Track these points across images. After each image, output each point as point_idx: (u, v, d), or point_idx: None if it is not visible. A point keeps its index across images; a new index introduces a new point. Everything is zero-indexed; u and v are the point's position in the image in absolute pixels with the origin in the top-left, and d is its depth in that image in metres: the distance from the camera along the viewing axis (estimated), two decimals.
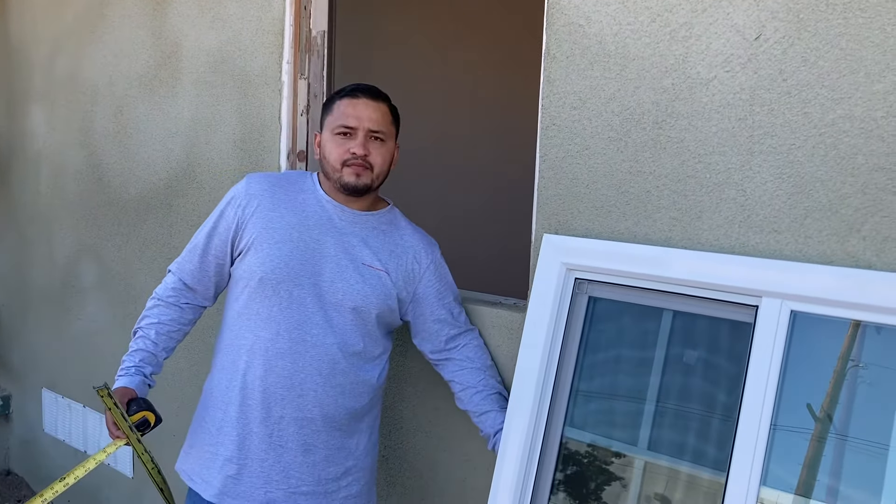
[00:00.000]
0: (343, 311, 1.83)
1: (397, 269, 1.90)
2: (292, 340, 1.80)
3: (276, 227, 1.81)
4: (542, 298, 1.83)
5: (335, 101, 1.86)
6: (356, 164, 1.81)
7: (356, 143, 1.81)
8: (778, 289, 1.53)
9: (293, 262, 1.79)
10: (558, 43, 1.93)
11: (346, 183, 1.83)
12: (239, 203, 1.85)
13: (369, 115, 1.83)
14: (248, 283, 1.81)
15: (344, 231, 1.85)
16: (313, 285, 1.80)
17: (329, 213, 1.86)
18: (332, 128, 1.84)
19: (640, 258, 1.72)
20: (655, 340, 1.72)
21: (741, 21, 1.65)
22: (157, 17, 3.07)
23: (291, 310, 1.80)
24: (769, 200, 1.62)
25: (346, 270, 1.83)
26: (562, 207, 1.93)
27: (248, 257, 1.81)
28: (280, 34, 2.61)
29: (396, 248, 1.92)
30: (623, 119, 1.83)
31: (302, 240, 1.81)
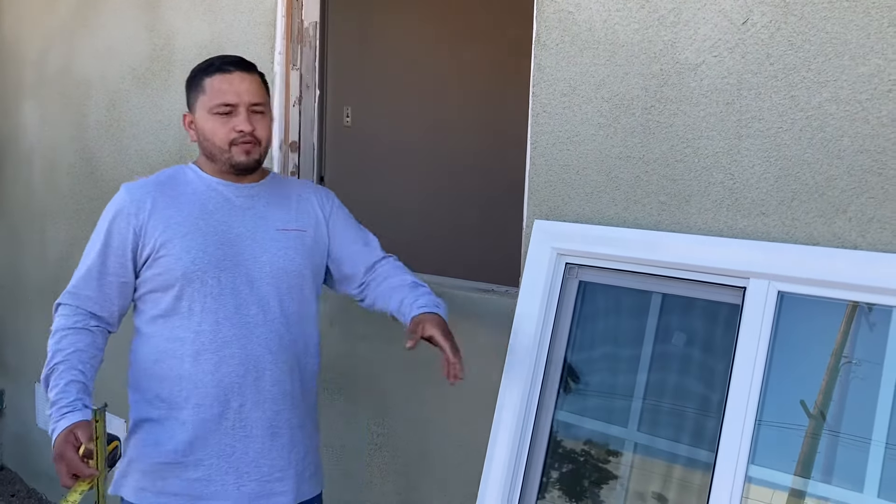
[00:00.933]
0: (275, 282, 1.79)
1: (310, 223, 1.88)
2: (234, 325, 1.75)
3: (179, 221, 1.74)
4: (534, 283, 1.84)
5: (204, 79, 1.77)
6: (245, 141, 1.75)
7: (241, 121, 1.74)
8: (765, 270, 1.55)
9: (210, 248, 1.74)
10: (548, 30, 1.94)
11: (238, 162, 1.77)
12: (128, 213, 1.75)
13: (247, 89, 1.76)
14: (169, 285, 1.73)
15: (245, 207, 1.81)
16: (236, 266, 1.76)
17: (225, 195, 1.80)
18: (208, 107, 1.75)
19: (630, 242, 1.74)
20: (645, 323, 1.74)
21: (728, 6, 1.67)
22: (150, 10, 3.08)
23: (224, 296, 1.74)
24: (756, 183, 1.64)
25: (264, 242, 1.79)
26: (553, 194, 1.95)
27: (161, 260, 1.73)
28: (272, 25, 2.62)
29: (300, 204, 1.89)
30: (613, 105, 1.84)
31: (209, 226, 1.76)
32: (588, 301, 1.82)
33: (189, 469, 1.76)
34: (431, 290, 1.90)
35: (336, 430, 2.49)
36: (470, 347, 2.13)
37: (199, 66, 1.82)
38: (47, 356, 1.72)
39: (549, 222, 1.89)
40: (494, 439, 1.83)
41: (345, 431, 2.47)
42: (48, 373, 1.70)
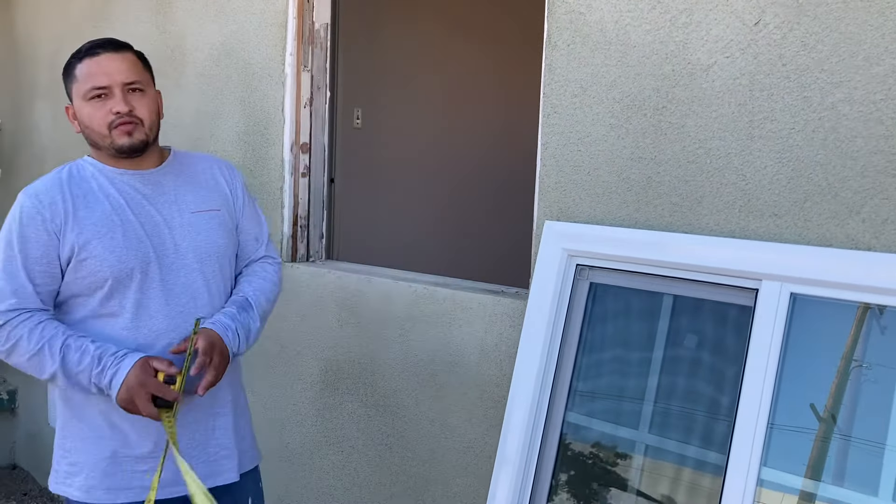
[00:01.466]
0: (200, 267, 1.76)
1: (221, 201, 1.83)
2: (167, 317, 1.71)
3: (94, 221, 1.67)
4: (544, 284, 1.84)
5: (75, 66, 1.69)
6: (123, 122, 1.67)
7: (116, 101, 1.66)
8: (778, 271, 1.54)
9: (132, 244, 1.68)
10: (559, 31, 1.94)
11: (121, 145, 1.68)
12: (43, 218, 1.64)
13: (118, 68, 1.67)
14: (96, 287, 1.67)
15: (156, 194, 1.75)
16: (161, 257, 1.71)
17: (132, 185, 1.73)
18: (82, 94, 1.67)
19: (641, 243, 1.73)
20: (656, 325, 1.73)
21: (741, 6, 1.66)
22: (162, 11, 3.09)
23: (153, 289, 1.70)
24: (769, 185, 1.63)
25: (182, 228, 1.74)
26: (563, 195, 1.94)
27: (85, 264, 1.65)
28: (283, 27, 2.63)
29: (209, 182, 1.84)
30: (624, 106, 1.84)
31: (126, 221, 1.69)
32: (599, 302, 1.81)
33: (139, 462, 1.72)
34: (252, 313, 1.83)
35: (346, 431, 2.49)
36: (479, 348, 2.13)
37: (73, 55, 1.72)
38: (39, 352, 1.62)
39: (560, 223, 1.89)
40: (504, 441, 1.82)
41: (355, 432, 2.47)
42: (62, 354, 1.62)
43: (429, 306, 2.24)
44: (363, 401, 2.44)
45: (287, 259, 2.67)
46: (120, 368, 1.61)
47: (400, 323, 2.32)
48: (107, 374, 1.61)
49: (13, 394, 4.22)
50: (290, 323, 2.64)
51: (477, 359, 2.14)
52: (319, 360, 2.57)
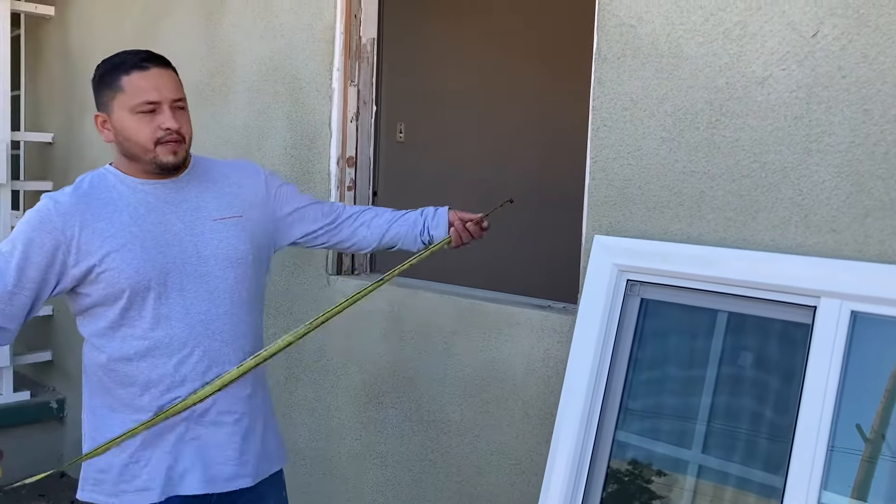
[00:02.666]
0: (223, 274, 1.76)
1: (245, 206, 1.84)
2: (187, 325, 1.72)
3: (113, 233, 1.66)
4: (594, 300, 1.81)
5: (121, 77, 1.66)
6: (171, 139, 1.68)
7: (166, 118, 1.67)
8: (837, 289, 1.50)
9: (150, 254, 1.68)
10: (609, 44, 1.92)
11: (165, 162, 1.69)
12: (53, 227, 1.64)
13: (166, 84, 1.68)
14: (115, 298, 1.68)
15: (177, 201, 1.75)
16: (182, 265, 1.71)
17: (154, 194, 1.73)
18: (129, 106, 1.66)
19: (694, 258, 1.70)
20: (710, 343, 1.70)
21: (797, 18, 1.63)
22: (211, 27, 3.15)
23: (172, 298, 1.70)
24: (827, 199, 1.59)
25: (203, 235, 1.75)
26: (613, 209, 1.92)
27: (103, 276, 1.66)
28: (331, 42, 2.65)
29: (232, 188, 1.84)
30: (676, 119, 1.81)
31: (144, 231, 1.69)
32: (650, 319, 1.78)
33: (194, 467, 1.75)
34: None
35: (389, 445, 2.49)
36: (526, 363, 2.11)
37: (110, 63, 1.70)
38: None
39: (610, 238, 1.86)
40: (553, 459, 1.80)
41: (398, 447, 2.46)
42: None
43: (475, 320, 2.23)
44: (407, 415, 2.43)
45: (333, 272, 2.68)
46: None
47: (445, 337, 2.31)
48: None
49: (62, 403, 4.30)
50: (335, 335, 2.64)
51: (523, 374, 2.12)
52: (364, 374, 2.57)
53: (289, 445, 2.82)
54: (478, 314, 2.22)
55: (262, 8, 2.90)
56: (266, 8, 2.89)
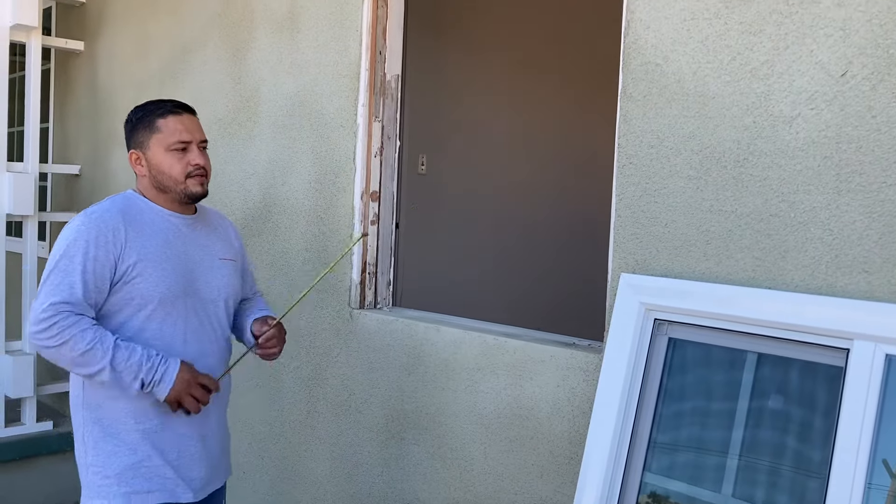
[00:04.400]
0: (224, 305, 2.03)
1: (235, 254, 2.11)
2: (198, 342, 1.95)
3: (151, 250, 1.87)
4: (621, 339, 1.80)
5: (157, 120, 1.93)
6: (199, 174, 1.94)
7: (196, 156, 1.94)
8: (871, 331, 1.48)
9: (178, 275, 1.90)
10: (635, 82, 1.93)
11: (194, 193, 1.95)
12: (106, 237, 1.82)
13: (197, 127, 1.97)
14: (140, 307, 1.86)
15: (193, 236, 1.99)
16: (197, 291, 1.95)
17: (177, 225, 1.96)
18: (165, 145, 1.92)
19: (723, 298, 1.68)
20: (739, 384, 1.67)
21: (826, 58, 1.62)
22: (237, 62, 3.19)
23: (189, 317, 1.93)
24: (858, 240, 1.58)
25: (213, 269, 2.00)
26: (639, 246, 1.91)
27: (134, 285, 1.84)
28: (356, 78, 2.67)
29: (227, 236, 2.12)
30: (703, 157, 1.81)
31: (174, 255, 1.91)
32: (678, 359, 1.76)
33: (165, 468, 1.91)
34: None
35: (412, 482, 2.46)
36: (551, 402, 2.09)
37: (146, 109, 1.96)
38: (91, 350, 1.76)
39: (638, 276, 1.85)
40: (579, 501, 1.77)
41: (421, 484, 2.44)
42: (112, 353, 1.77)
43: (499, 357, 2.22)
44: (430, 452, 2.41)
45: (356, 306, 2.68)
46: (169, 368, 1.84)
47: (469, 373, 2.30)
48: (157, 371, 1.82)
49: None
50: (358, 370, 2.64)
51: (549, 413, 2.09)
52: (386, 409, 2.55)
53: (310, 480, 2.81)
54: (502, 351, 2.21)
55: (288, 44, 2.94)
56: (292, 44, 2.92)
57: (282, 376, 2.92)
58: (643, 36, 1.91)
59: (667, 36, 1.86)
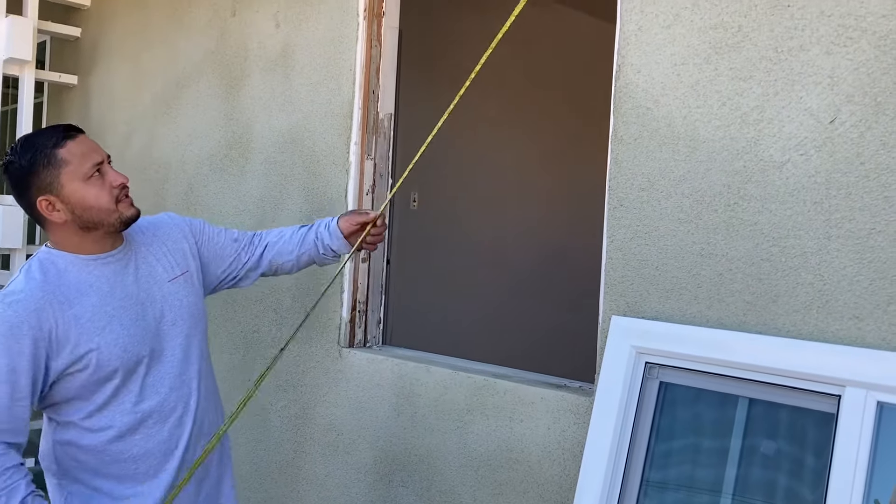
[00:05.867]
0: (189, 331, 1.80)
1: (187, 261, 1.86)
2: (173, 389, 1.75)
3: (88, 317, 1.64)
4: (612, 383, 1.79)
5: (57, 151, 1.64)
6: (126, 194, 1.71)
7: (115, 176, 1.68)
8: (862, 378, 1.47)
9: (129, 329, 1.68)
10: (626, 125, 1.94)
11: (129, 217, 1.71)
12: (29, 326, 1.58)
13: (97, 147, 1.71)
14: (105, 379, 1.66)
15: (129, 273, 1.74)
16: (156, 333, 1.74)
17: (108, 268, 1.71)
18: (81, 175, 1.64)
19: (714, 343, 1.68)
20: (731, 429, 1.66)
21: (815, 104, 1.64)
22: (230, 99, 3.20)
23: (156, 367, 1.73)
24: (849, 286, 1.58)
25: (165, 299, 1.77)
26: (630, 289, 1.91)
27: (88, 361, 1.63)
28: (349, 117, 2.68)
29: (169, 244, 1.85)
30: (694, 201, 1.81)
31: (116, 308, 1.68)
32: (669, 403, 1.75)
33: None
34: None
35: None
36: (541, 445, 2.07)
37: (34, 145, 1.65)
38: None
39: (629, 319, 1.84)
40: None
41: None
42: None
43: (489, 399, 2.20)
44: (419, 494, 2.38)
45: (345, 344, 2.66)
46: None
47: (459, 415, 2.27)
48: None
49: None
50: (346, 410, 2.61)
51: (539, 457, 2.07)
52: (374, 450, 2.52)
53: None
54: (492, 392, 2.19)
55: (281, 82, 2.96)
56: (285, 82, 2.94)
57: (268, 415, 2.88)
58: (634, 80, 1.92)
59: (657, 80, 1.88)
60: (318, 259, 2.04)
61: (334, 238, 1.99)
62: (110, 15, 4.06)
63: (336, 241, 1.99)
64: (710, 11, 1.80)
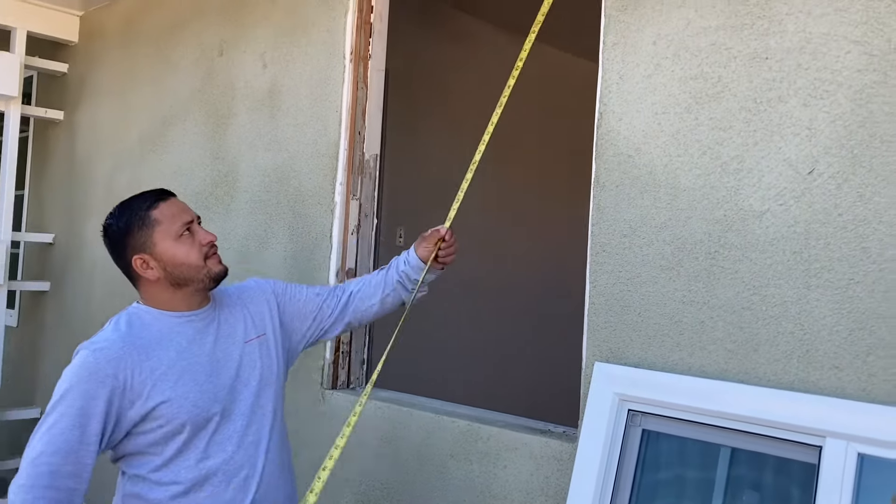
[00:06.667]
0: (263, 393, 1.82)
1: (265, 324, 1.89)
2: (241, 448, 1.76)
3: (163, 371, 1.68)
4: (595, 430, 1.78)
5: (150, 213, 1.74)
6: (214, 252, 1.79)
7: (203, 234, 1.78)
8: (843, 430, 1.47)
9: (202, 385, 1.72)
10: (608, 172, 1.96)
11: (218, 273, 1.79)
12: (105, 375, 1.62)
13: (187, 208, 1.80)
14: (173, 433, 1.69)
15: (210, 331, 1.79)
16: (230, 391, 1.76)
17: (190, 326, 1.76)
18: (172, 234, 1.74)
19: (696, 392, 1.68)
20: (713, 478, 1.66)
21: (793, 155, 1.66)
22: (216, 137, 3.21)
23: (226, 424, 1.75)
24: (829, 336, 1.59)
25: (241, 359, 1.80)
26: (613, 335, 1.91)
27: (160, 413, 1.66)
28: (334, 157, 2.70)
29: (249, 308, 1.89)
30: (675, 248, 1.82)
31: (192, 364, 1.72)
32: (652, 451, 1.75)
33: None
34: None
35: None
36: (524, 492, 2.05)
37: (130, 209, 1.76)
38: None
39: (611, 365, 1.85)
40: None
41: None
42: None
43: (472, 444, 2.19)
44: None
45: (328, 386, 2.65)
46: None
47: (441, 460, 2.26)
48: None
49: None
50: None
51: (517, 502, 2.05)
52: (356, 494, 2.49)
53: None
54: (475, 437, 2.18)
55: (267, 122, 2.97)
56: (272, 122, 2.95)
57: None
58: (616, 127, 1.95)
59: (639, 129, 1.90)
60: (407, 297, 2.03)
61: (419, 270, 1.99)
62: (98, 51, 4.08)
63: (420, 272, 1.99)
64: (690, 62, 1.83)
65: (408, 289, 2.01)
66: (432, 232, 2.00)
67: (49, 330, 4.19)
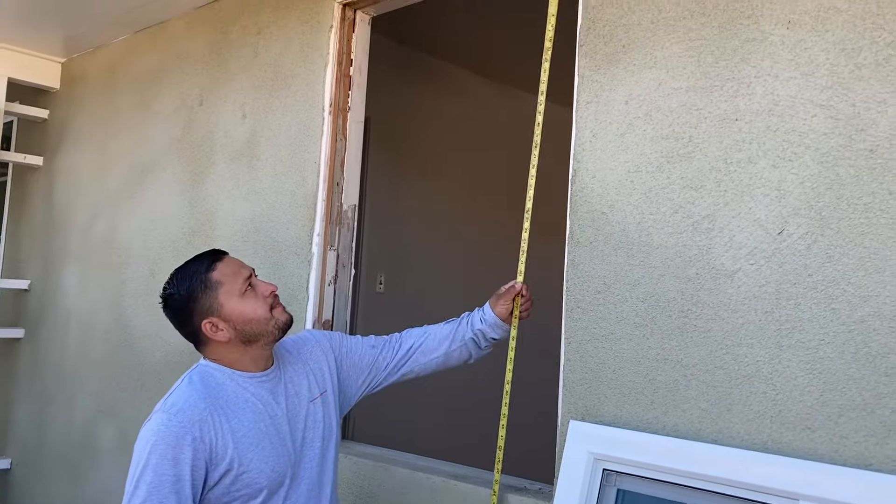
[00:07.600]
0: (326, 452, 1.84)
1: (325, 380, 1.90)
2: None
3: (244, 433, 1.68)
4: (569, 490, 1.77)
5: (210, 275, 1.73)
6: (277, 301, 1.79)
7: (264, 286, 1.76)
8: (815, 493, 1.47)
9: (278, 449, 1.72)
10: (582, 228, 1.97)
11: (286, 321, 1.78)
12: (192, 437, 1.61)
13: (242, 262, 1.80)
14: (251, 496, 1.68)
15: (279, 392, 1.79)
16: (299, 453, 1.77)
17: (262, 387, 1.76)
18: (237, 292, 1.72)
19: (670, 452, 1.67)
20: None
21: (763, 215, 1.68)
22: (195, 187, 3.21)
23: (299, 487, 1.76)
24: (800, 396, 1.59)
25: (307, 420, 1.81)
26: (588, 391, 1.91)
27: (241, 477, 1.66)
28: (312, 208, 2.70)
29: (310, 364, 1.89)
30: (648, 306, 1.83)
31: (268, 427, 1.72)
32: None
33: None
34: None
35: None
36: None
37: (188, 274, 1.74)
38: None
39: (586, 424, 1.84)
40: None
41: None
42: None
43: (448, 501, 2.16)
44: None
45: None
46: None
47: None
48: None
49: None
50: None
51: None
52: None
53: None
54: (452, 494, 2.15)
55: (246, 172, 2.98)
56: (250, 172, 2.96)
57: None
58: (589, 185, 1.97)
59: (612, 186, 1.92)
60: (476, 352, 2.05)
61: (497, 327, 2.01)
62: (79, 98, 4.09)
63: (499, 330, 2.02)
64: (661, 122, 1.86)
65: (481, 346, 2.04)
66: (508, 289, 2.02)
67: (22, 378, 4.13)
